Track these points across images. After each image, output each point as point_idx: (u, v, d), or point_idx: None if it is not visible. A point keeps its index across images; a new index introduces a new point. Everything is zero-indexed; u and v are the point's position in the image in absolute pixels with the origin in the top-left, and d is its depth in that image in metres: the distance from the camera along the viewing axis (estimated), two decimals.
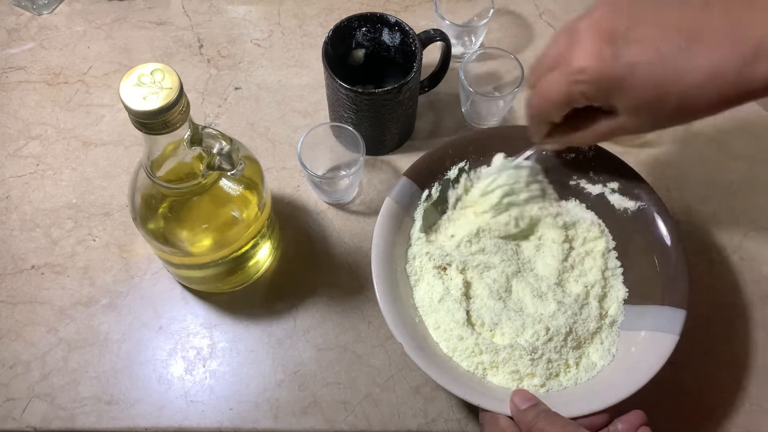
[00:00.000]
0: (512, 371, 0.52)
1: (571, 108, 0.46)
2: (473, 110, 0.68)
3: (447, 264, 0.57)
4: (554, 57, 0.45)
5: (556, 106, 0.46)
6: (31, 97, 0.72)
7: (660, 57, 0.40)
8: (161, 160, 0.45)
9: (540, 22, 0.78)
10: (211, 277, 0.58)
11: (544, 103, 0.47)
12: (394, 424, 0.56)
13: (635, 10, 0.42)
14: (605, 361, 0.54)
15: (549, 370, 0.53)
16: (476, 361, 0.53)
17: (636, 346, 0.53)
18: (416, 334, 0.53)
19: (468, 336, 0.53)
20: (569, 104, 0.46)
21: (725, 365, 0.59)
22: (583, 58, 0.43)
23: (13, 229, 0.64)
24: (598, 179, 0.59)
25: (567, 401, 0.50)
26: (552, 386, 0.52)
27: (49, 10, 0.77)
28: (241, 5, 0.78)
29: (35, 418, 0.56)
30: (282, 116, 0.71)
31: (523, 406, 0.48)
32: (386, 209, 0.56)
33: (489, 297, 0.56)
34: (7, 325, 0.60)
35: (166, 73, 0.41)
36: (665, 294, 0.54)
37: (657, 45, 0.40)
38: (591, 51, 0.42)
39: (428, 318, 0.55)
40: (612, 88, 0.42)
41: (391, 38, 0.65)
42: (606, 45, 0.42)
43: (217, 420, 0.56)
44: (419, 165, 0.59)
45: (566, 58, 0.44)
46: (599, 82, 0.42)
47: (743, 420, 0.57)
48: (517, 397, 0.49)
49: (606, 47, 0.42)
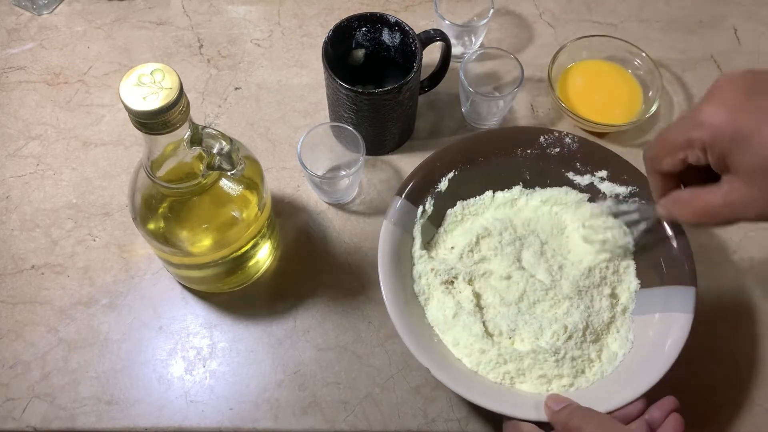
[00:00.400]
0: (539, 376, 0.52)
1: (686, 161, 0.42)
2: (473, 110, 0.68)
3: (453, 277, 0.57)
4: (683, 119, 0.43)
5: (670, 151, 0.43)
6: (31, 97, 0.72)
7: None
8: (161, 160, 0.45)
9: (540, 22, 0.78)
10: (211, 277, 0.58)
11: (659, 146, 0.44)
12: (394, 424, 0.56)
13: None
14: (625, 348, 0.54)
15: (575, 368, 0.53)
16: (502, 371, 0.53)
17: (652, 329, 0.53)
18: (439, 354, 0.53)
19: (489, 348, 0.53)
20: (684, 150, 0.42)
21: (727, 365, 0.59)
22: (714, 104, 0.39)
23: (13, 229, 0.64)
24: (586, 169, 0.60)
25: (600, 397, 0.50)
26: (581, 384, 0.53)
27: (49, 10, 0.77)
28: (241, 5, 0.78)
29: (35, 418, 0.56)
30: (282, 116, 0.71)
31: (557, 408, 0.48)
32: (386, 232, 0.56)
33: (501, 304, 0.56)
34: (7, 325, 0.60)
35: (166, 73, 0.41)
36: (672, 274, 0.54)
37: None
38: (722, 100, 0.39)
39: (446, 336, 0.55)
40: (736, 139, 0.38)
41: (391, 38, 0.65)
42: (741, 94, 0.39)
43: (217, 420, 0.56)
44: (410, 182, 0.58)
45: (697, 108, 0.41)
46: (723, 130, 0.39)
47: (747, 420, 0.57)
48: (551, 401, 0.49)
49: (741, 96, 0.39)
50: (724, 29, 0.78)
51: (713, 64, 0.75)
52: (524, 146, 0.60)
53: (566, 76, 0.72)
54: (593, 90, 0.71)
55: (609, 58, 0.72)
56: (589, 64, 0.72)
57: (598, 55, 0.72)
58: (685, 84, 0.74)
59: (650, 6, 0.79)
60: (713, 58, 0.76)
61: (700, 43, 0.77)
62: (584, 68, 0.72)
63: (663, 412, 0.48)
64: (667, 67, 0.75)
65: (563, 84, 0.71)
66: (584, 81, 0.71)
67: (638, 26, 0.78)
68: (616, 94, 0.71)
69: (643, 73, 0.71)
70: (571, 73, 0.72)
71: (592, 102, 0.70)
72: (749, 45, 0.77)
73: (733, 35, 0.77)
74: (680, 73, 0.75)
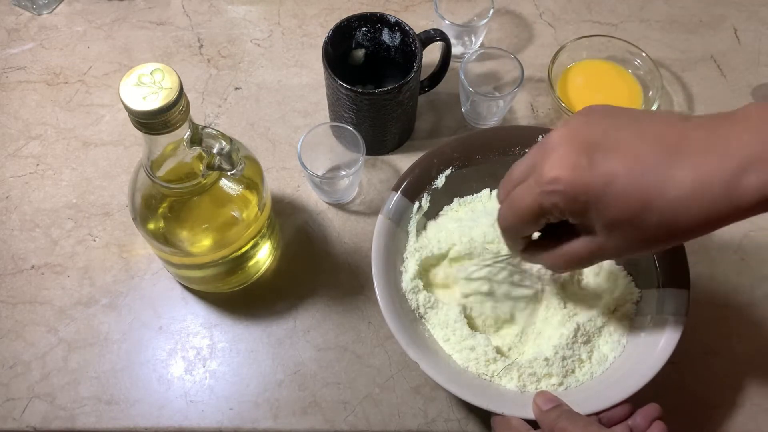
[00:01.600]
0: (529, 374, 0.52)
1: (544, 222, 0.42)
2: (473, 110, 0.68)
3: (444, 279, 0.57)
4: (525, 170, 0.42)
5: (527, 220, 0.42)
6: (31, 97, 0.72)
7: (640, 166, 0.37)
8: (161, 160, 0.45)
9: (540, 22, 0.78)
10: (211, 277, 0.58)
11: (514, 217, 0.43)
12: (394, 424, 0.56)
13: (613, 120, 0.40)
14: (617, 351, 0.54)
15: (565, 368, 0.53)
16: (492, 369, 0.53)
17: (644, 331, 0.53)
18: (430, 351, 0.53)
19: (478, 345, 0.53)
20: (541, 217, 0.41)
21: (726, 365, 0.59)
22: (556, 167, 0.38)
23: (13, 229, 0.64)
24: None
25: (587, 397, 0.50)
26: (570, 383, 0.53)
27: (49, 10, 0.77)
28: (241, 5, 0.78)
29: (35, 418, 0.56)
30: (282, 116, 0.71)
31: (545, 407, 0.48)
32: (381, 227, 0.56)
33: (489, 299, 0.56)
34: (7, 325, 0.60)
35: (166, 73, 0.41)
36: (665, 277, 0.54)
37: (637, 153, 0.37)
38: (565, 160, 0.38)
39: (436, 331, 0.55)
40: (588, 201, 0.38)
41: (391, 38, 0.65)
42: (582, 154, 0.38)
43: (217, 420, 0.56)
44: (407, 178, 0.58)
45: (539, 169, 0.40)
46: (573, 193, 0.38)
47: (744, 419, 0.57)
48: (540, 399, 0.49)
49: (582, 156, 0.38)
50: (724, 29, 0.78)
51: (713, 64, 0.75)
52: (522, 145, 0.60)
53: (566, 76, 0.72)
54: (593, 90, 0.71)
55: (609, 58, 0.72)
56: (589, 64, 0.72)
57: (598, 55, 0.72)
58: (685, 84, 0.74)
59: (650, 6, 0.79)
60: (713, 58, 0.76)
61: (700, 43, 0.77)
62: (584, 68, 0.72)
63: (646, 419, 0.48)
64: (667, 67, 0.75)
65: (563, 84, 0.71)
66: (584, 81, 0.71)
67: (638, 26, 0.78)
68: (616, 94, 0.71)
69: (643, 73, 0.71)
70: (571, 73, 0.72)
71: (592, 102, 0.70)
72: (749, 45, 0.77)
73: (733, 35, 0.77)
74: (680, 73, 0.75)
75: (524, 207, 0.41)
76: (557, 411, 0.47)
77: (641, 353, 0.52)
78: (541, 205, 0.40)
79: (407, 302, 0.55)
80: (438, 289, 0.58)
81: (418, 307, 0.56)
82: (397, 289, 0.55)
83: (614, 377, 0.52)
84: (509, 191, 0.43)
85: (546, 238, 0.45)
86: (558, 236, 0.43)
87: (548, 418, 0.47)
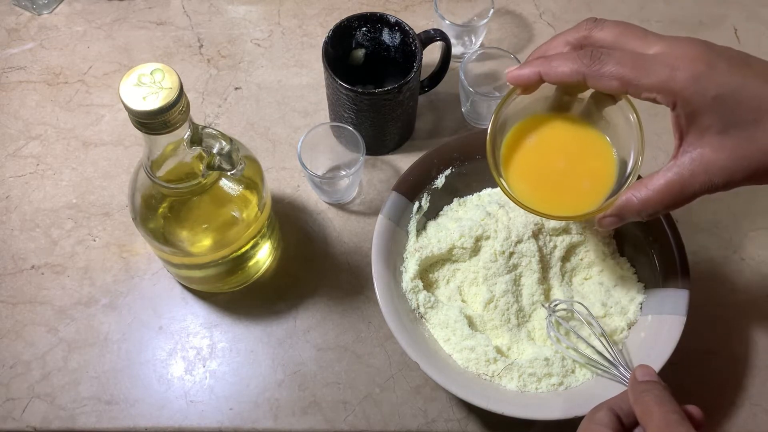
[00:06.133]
0: (529, 374, 0.53)
1: (653, 101, 0.40)
2: (473, 110, 0.68)
3: (442, 276, 0.58)
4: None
5: (640, 88, 0.39)
6: (31, 97, 0.72)
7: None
8: (161, 160, 0.45)
9: (540, 22, 0.78)
10: (211, 277, 0.58)
11: (635, 71, 0.40)
12: (394, 424, 0.56)
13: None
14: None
15: (564, 368, 0.53)
16: (492, 369, 0.53)
17: (644, 331, 0.53)
18: (430, 351, 0.53)
19: (478, 345, 0.53)
20: (657, 94, 0.39)
21: (726, 365, 0.59)
22: (689, 65, 0.38)
23: (13, 229, 0.64)
24: None
25: (587, 397, 0.50)
26: (570, 383, 0.53)
27: (49, 10, 0.77)
28: (241, 5, 0.78)
29: (35, 418, 0.56)
30: (282, 116, 0.71)
31: (641, 378, 0.46)
32: (381, 226, 0.56)
33: (488, 298, 0.56)
34: (7, 325, 0.60)
35: (166, 73, 0.41)
36: (666, 277, 0.54)
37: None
38: (697, 63, 0.38)
39: (436, 331, 0.55)
40: (719, 96, 0.37)
41: (391, 38, 0.65)
42: (714, 59, 0.38)
43: (217, 420, 0.56)
44: (407, 178, 0.58)
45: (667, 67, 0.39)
46: (705, 87, 0.37)
47: (744, 420, 0.57)
48: (640, 371, 0.47)
49: (718, 60, 0.38)
50: (724, 29, 0.78)
51: None
52: None
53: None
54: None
55: None
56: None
57: None
58: None
59: (650, 6, 0.79)
60: None
61: None
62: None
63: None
64: None
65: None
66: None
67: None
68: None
69: None
70: None
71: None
72: (749, 45, 0.77)
73: (733, 35, 0.77)
74: None
75: (647, 80, 0.39)
76: (649, 386, 0.45)
77: (641, 353, 0.52)
78: (665, 84, 0.38)
79: (407, 302, 0.55)
80: (438, 289, 0.58)
81: (418, 307, 0.56)
82: (397, 289, 0.55)
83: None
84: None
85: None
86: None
87: (638, 389, 0.45)
